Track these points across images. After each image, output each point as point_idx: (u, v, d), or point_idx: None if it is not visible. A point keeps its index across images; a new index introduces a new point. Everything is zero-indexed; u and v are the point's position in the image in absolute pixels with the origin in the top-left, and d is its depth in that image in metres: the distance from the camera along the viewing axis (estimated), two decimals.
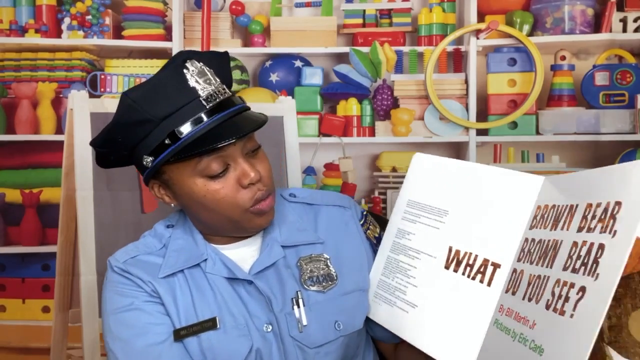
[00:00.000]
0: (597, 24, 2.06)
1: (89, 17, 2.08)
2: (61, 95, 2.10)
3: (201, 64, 0.90)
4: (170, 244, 0.97)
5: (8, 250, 2.10)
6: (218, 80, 0.90)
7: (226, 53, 0.97)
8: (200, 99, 0.87)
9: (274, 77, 2.15)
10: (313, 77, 2.11)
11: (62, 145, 1.79)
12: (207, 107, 0.87)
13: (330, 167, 2.12)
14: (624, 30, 2.05)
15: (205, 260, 0.95)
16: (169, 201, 0.95)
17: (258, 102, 2.01)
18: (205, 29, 2.03)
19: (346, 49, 2.10)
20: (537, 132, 2.09)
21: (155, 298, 0.93)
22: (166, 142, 0.86)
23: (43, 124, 2.10)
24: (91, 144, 0.94)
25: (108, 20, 2.11)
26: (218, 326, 0.90)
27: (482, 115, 2.12)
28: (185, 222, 1.00)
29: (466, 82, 2.10)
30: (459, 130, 2.10)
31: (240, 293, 0.94)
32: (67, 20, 2.09)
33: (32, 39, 2.07)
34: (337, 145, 2.13)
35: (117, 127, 0.89)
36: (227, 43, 2.15)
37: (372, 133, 2.13)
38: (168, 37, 2.13)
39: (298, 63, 2.15)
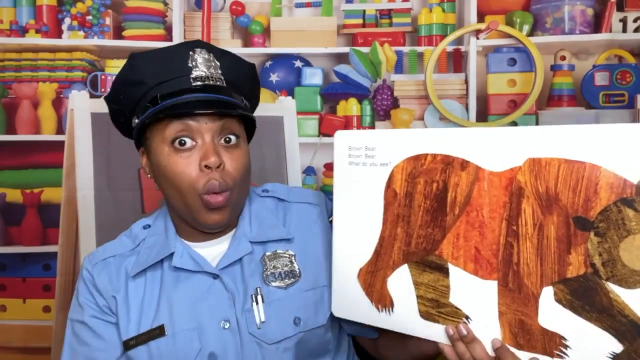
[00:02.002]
0: (597, 24, 2.06)
1: (90, 17, 2.09)
2: (62, 96, 2.10)
3: (211, 55, 0.93)
4: (144, 242, 0.99)
5: (9, 250, 2.10)
6: (219, 72, 0.93)
7: (252, 65, 1.01)
8: (190, 77, 0.90)
9: (274, 78, 2.15)
10: (313, 77, 2.11)
11: (63, 145, 1.80)
12: (192, 85, 0.90)
13: (330, 167, 2.12)
14: (624, 30, 2.05)
15: (173, 253, 0.96)
16: (148, 172, 0.97)
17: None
18: (205, 30, 2.03)
19: (346, 49, 2.10)
20: None
21: (105, 315, 0.95)
22: (147, 104, 0.91)
23: (44, 124, 2.10)
24: (105, 98, 1.00)
25: (108, 21, 2.11)
26: (166, 333, 0.91)
27: (482, 115, 2.12)
28: (165, 217, 1.01)
29: (466, 82, 2.10)
30: None
31: (200, 289, 0.94)
32: (67, 20, 2.09)
33: (33, 39, 2.07)
34: None
35: (119, 83, 0.96)
36: (227, 43, 2.15)
37: None
38: (168, 37, 2.13)
39: (298, 63, 2.15)
